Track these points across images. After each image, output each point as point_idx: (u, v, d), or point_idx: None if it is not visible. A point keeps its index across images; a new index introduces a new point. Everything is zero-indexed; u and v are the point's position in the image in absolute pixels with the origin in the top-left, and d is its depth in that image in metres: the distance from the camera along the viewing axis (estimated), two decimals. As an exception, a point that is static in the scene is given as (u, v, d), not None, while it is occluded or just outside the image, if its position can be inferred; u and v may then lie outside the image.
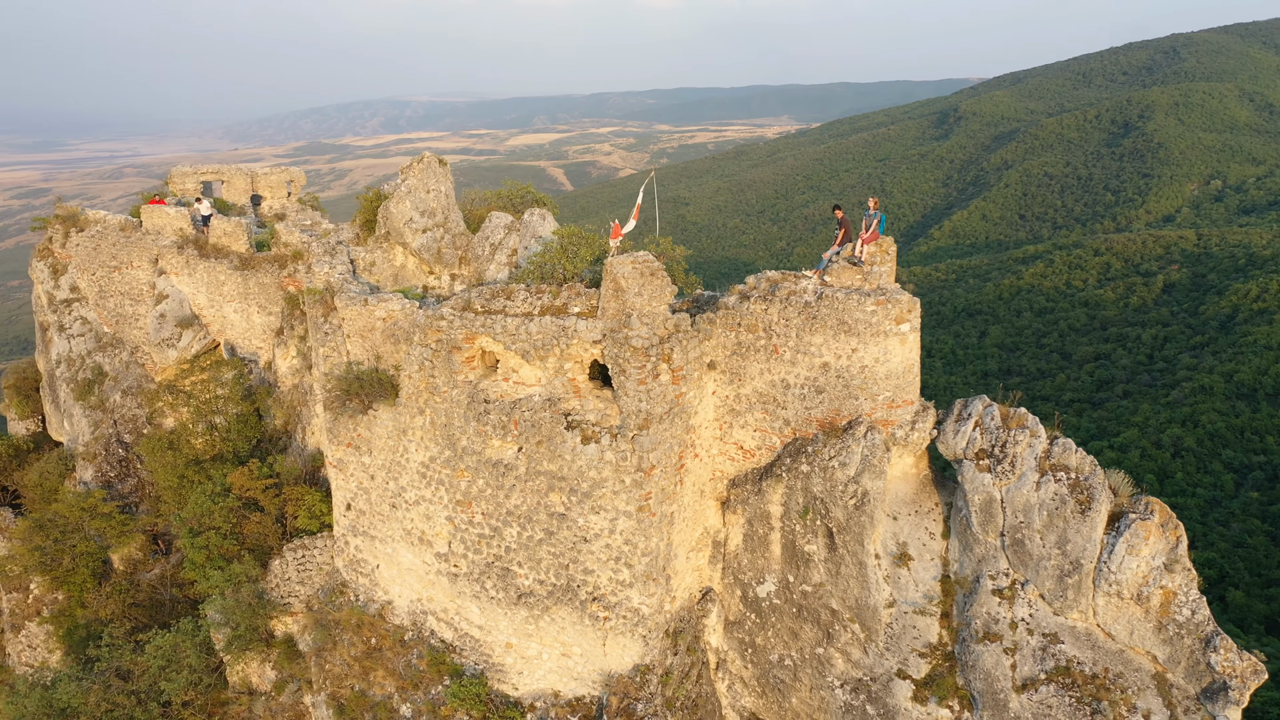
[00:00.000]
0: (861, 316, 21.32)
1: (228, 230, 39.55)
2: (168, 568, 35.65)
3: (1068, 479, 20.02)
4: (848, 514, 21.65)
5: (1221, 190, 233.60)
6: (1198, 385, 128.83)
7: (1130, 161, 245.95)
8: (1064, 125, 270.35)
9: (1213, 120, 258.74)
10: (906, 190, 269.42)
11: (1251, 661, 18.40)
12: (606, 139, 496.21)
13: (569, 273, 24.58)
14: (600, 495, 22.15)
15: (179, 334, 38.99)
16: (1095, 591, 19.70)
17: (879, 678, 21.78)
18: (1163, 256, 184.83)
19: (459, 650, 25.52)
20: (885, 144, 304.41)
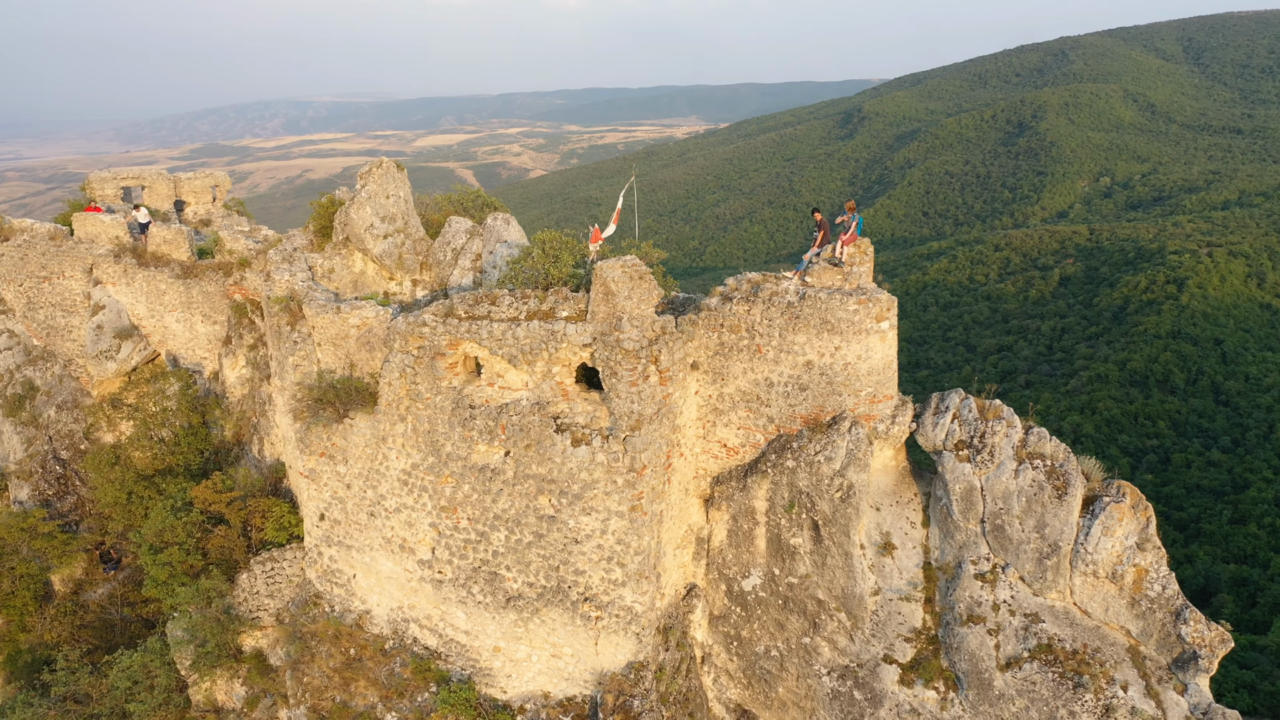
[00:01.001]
0: (844, 315, 22.11)
1: (168, 238, 38.50)
2: (117, 586, 34.57)
3: (1044, 466, 21.16)
4: (834, 507, 22.42)
5: (1110, 187, 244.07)
6: (1094, 374, 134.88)
7: (1025, 160, 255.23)
8: (963, 125, 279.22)
9: (1100, 120, 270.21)
10: (814, 189, 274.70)
11: (1219, 631, 19.76)
12: (516, 140, 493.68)
13: (554, 277, 24.78)
14: (592, 496, 22.46)
15: (118, 345, 37.77)
16: (1072, 572, 20.87)
17: (866, 663, 22.61)
18: (1058, 251, 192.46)
19: (444, 656, 25.51)
20: (793, 144, 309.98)
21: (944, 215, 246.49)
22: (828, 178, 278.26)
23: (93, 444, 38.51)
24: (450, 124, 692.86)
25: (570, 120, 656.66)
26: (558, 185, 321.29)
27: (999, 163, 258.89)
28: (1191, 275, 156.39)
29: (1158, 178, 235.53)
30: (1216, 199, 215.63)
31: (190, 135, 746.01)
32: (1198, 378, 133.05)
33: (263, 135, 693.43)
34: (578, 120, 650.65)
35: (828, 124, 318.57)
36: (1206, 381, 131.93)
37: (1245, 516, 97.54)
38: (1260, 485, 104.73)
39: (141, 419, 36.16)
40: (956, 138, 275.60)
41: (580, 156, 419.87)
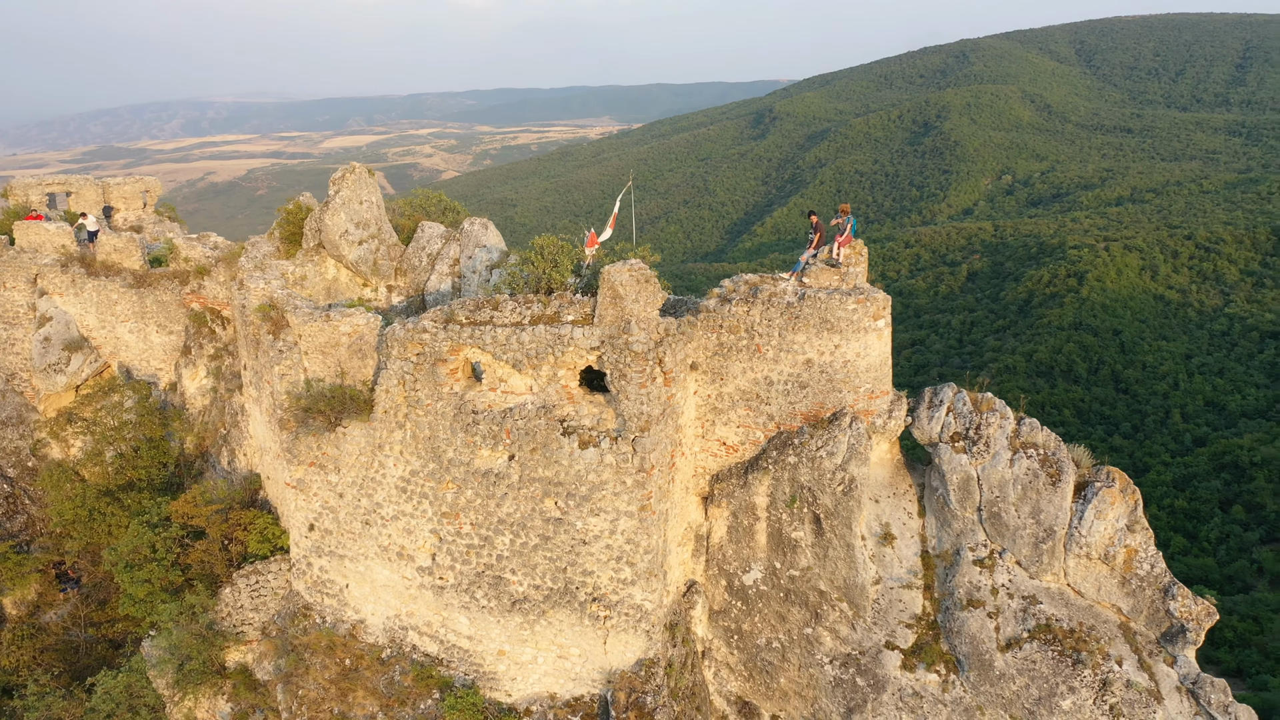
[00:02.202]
0: (844, 314, 22.86)
1: (118, 246, 37.37)
2: (78, 606, 33.46)
3: (1038, 455, 22.27)
4: (836, 500, 23.17)
5: (1012, 185, 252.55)
6: (1003, 365, 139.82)
7: (931, 159, 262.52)
8: (870, 125, 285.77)
9: (1000, 120, 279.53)
10: (729, 189, 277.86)
11: (1205, 605, 21.10)
12: (427, 141, 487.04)
13: (555, 282, 24.97)
14: (600, 498, 22.76)
15: (67, 358, 36.49)
16: (1066, 555, 22.00)
17: (868, 651, 23.42)
18: (965, 247, 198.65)
19: (446, 663, 25.49)
20: (706, 144, 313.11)
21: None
22: (742, 177, 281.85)
23: (41, 461, 37.15)
24: (359, 125, 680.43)
25: (482, 121, 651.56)
26: (472, 187, 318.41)
27: (906, 162, 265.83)
28: (1090, 269, 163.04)
29: (1055, 175, 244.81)
30: (1110, 195, 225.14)
31: (82, 137, 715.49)
32: (1099, 367, 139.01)
33: (161, 137, 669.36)
34: (490, 121, 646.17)
35: (740, 124, 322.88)
36: (1107, 371, 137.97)
37: (1146, 499, 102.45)
38: (1159, 469, 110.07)
39: (100, 433, 35.02)
40: (865, 137, 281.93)
41: (494, 157, 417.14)
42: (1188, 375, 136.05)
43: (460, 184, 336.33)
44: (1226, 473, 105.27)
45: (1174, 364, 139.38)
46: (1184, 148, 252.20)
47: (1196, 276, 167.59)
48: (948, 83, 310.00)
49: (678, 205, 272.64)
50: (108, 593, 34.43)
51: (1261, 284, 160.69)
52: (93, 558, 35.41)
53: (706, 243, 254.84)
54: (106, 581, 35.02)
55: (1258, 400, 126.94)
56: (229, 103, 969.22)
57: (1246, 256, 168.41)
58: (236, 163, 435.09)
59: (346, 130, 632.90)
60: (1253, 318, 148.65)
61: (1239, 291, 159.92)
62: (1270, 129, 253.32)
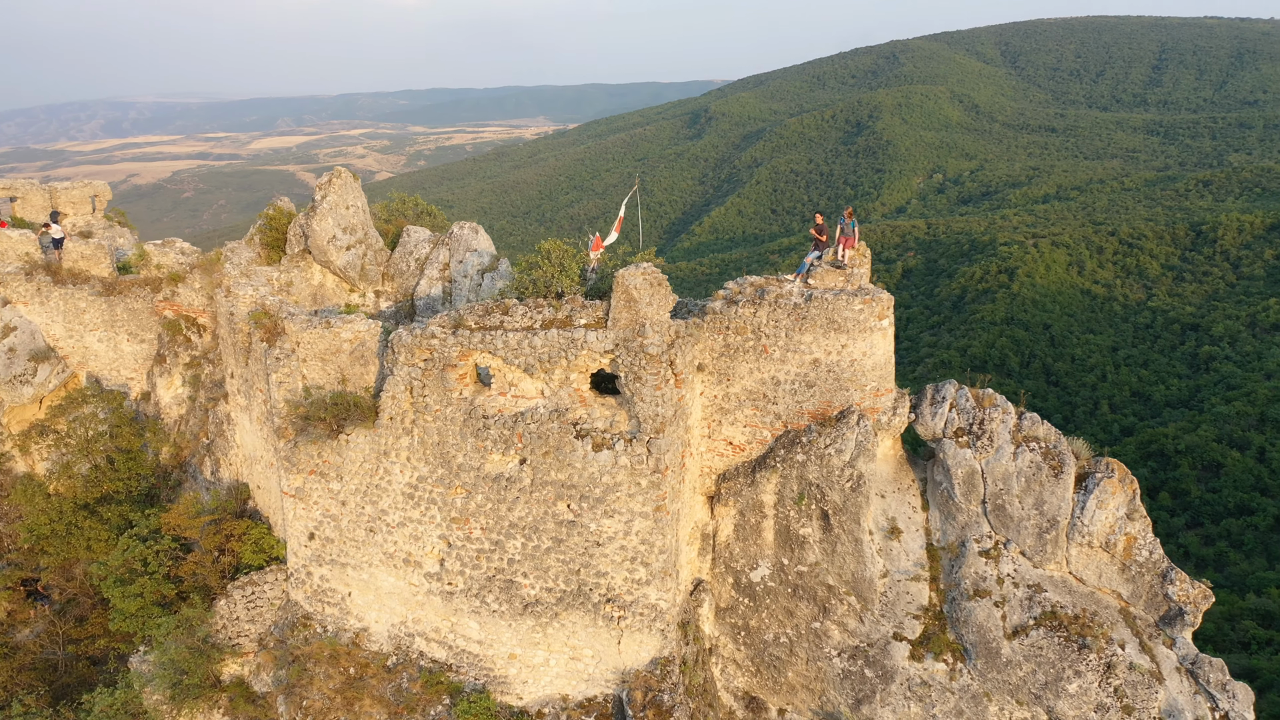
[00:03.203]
0: (850, 315, 23.39)
1: (86, 253, 36.40)
2: (55, 623, 32.55)
3: (1040, 448, 23.06)
4: (844, 496, 23.71)
5: (943, 183, 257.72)
6: (939, 360, 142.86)
7: (865, 158, 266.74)
8: (805, 125, 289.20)
9: (931, 119, 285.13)
10: (666, 188, 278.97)
11: (1201, 589, 22.10)
12: (359, 141, 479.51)
13: (565, 286, 25.07)
14: (614, 499, 22.97)
15: (34, 369, 35.40)
16: (1069, 544, 22.85)
17: (876, 643, 24.00)
18: (900, 245, 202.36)
19: (455, 668, 25.45)
20: (643, 144, 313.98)
21: (791, 212, 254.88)
22: (679, 177, 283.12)
23: (5, 475, 36.02)
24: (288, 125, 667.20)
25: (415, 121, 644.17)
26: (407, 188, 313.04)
27: (840, 161, 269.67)
28: (1020, 265, 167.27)
29: (985, 174, 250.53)
30: (1037, 193, 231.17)
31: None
32: (1030, 360, 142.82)
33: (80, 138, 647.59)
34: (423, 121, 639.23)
35: (676, 124, 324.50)
36: (1039, 364, 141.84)
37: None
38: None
39: (76, 445, 34.09)
40: (800, 137, 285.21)
41: (428, 158, 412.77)
42: (1114, 367, 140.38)
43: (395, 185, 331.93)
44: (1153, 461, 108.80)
45: (1101, 356, 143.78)
46: (1105, 146, 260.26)
47: (1120, 271, 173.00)
48: (879, 83, 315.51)
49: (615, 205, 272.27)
50: (84, 608, 33.56)
51: (1181, 278, 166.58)
52: (65, 573, 34.49)
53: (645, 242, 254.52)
54: (81, 597, 34.15)
55: (1180, 390, 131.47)
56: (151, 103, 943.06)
57: (1167, 252, 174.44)
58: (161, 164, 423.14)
59: (275, 131, 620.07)
60: (1174, 310, 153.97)
61: (1160, 285, 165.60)
62: (1185, 128, 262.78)
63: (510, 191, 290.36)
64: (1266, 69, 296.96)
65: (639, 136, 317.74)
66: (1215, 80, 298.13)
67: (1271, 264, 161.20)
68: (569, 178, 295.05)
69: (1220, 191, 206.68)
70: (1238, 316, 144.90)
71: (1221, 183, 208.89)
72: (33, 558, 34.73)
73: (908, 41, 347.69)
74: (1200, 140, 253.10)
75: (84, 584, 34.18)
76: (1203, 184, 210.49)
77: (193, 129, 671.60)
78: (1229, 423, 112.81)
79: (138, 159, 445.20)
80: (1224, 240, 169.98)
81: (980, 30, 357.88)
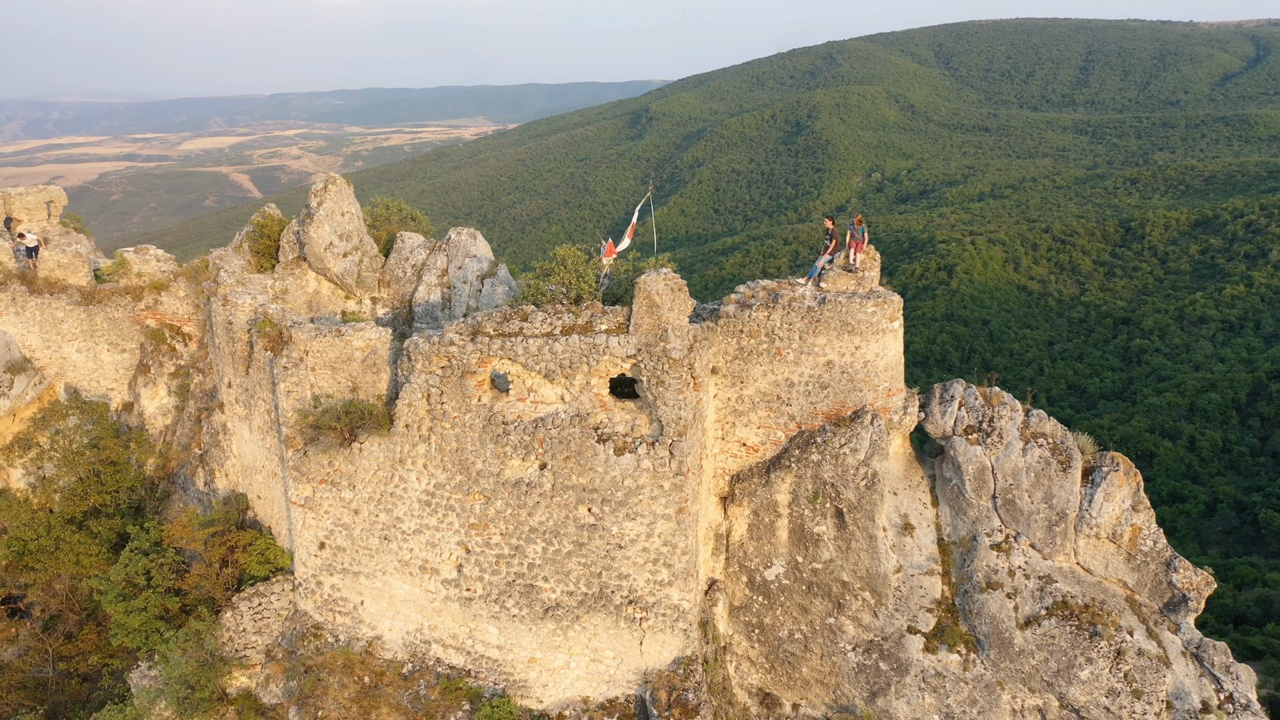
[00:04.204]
0: (864, 317, 23.98)
1: (63, 262, 35.55)
2: (43, 640, 31.75)
3: (1048, 443, 23.90)
4: (859, 494, 24.30)
5: (881, 182, 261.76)
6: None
7: (805, 157, 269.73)
8: (745, 125, 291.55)
9: (868, 119, 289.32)
10: (609, 188, 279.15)
11: (1204, 576, 23.12)
12: (294, 142, 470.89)
13: (584, 292, 25.24)
14: (636, 502, 23.24)
15: (10, 381, 34.43)
16: (1077, 535, 23.72)
17: (890, 636, 24.64)
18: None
19: (473, 674, 25.50)
20: (584, 144, 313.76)
21: (734, 212, 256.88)
22: (621, 177, 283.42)
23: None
24: (219, 126, 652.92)
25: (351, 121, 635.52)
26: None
27: (781, 160, 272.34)
28: (959, 262, 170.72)
29: (921, 173, 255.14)
30: (973, 191, 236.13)
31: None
32: (970, 355, 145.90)
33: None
34: (360, 121, 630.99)
35: (617, 124, 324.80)
36: (978, 359, 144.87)
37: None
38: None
39: (61, 458, 33.25)
40: (740, 137, 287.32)
41: (365, 159, 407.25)
42: (1051, 361, 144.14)
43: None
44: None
45: (1038, 351, 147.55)
46: (1037, 145, 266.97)
47: (1054, 267, 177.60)
48: (817, 83, 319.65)
49: (558, 205, 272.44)
50: (70, 625, 32.80)
51: (1112, 273, 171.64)
52: (48, 589, 33.66)
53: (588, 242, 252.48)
54: (67, 613, 33.38)
55: (1114, 382, 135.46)
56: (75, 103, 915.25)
57: (1098, 248, 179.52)
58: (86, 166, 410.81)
59: (207, 131, 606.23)
60: (1106, 305, 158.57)
61: (1093, 281, 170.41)
62: (1112, 128, 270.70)
63: (451, 192, 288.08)
64: (1187, 70, 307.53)
65: (580, 137, 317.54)
66: (1139, 81, 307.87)
67: (1196, 259, 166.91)
68: (511, 178, 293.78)
69: (1147, 189, 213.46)
70: (1166, 310, 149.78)
71: (1148, 181, 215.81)
72: (11, 574, 33.81)
73: (844, 42, 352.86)
74: (1127, 139, 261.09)
75: (69, 599, 33.43)
76: (1130, 182, 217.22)
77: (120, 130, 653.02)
78: (1160, 413, 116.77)
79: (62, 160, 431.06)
80: (1151, 236, 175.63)
81: (914, 31, 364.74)
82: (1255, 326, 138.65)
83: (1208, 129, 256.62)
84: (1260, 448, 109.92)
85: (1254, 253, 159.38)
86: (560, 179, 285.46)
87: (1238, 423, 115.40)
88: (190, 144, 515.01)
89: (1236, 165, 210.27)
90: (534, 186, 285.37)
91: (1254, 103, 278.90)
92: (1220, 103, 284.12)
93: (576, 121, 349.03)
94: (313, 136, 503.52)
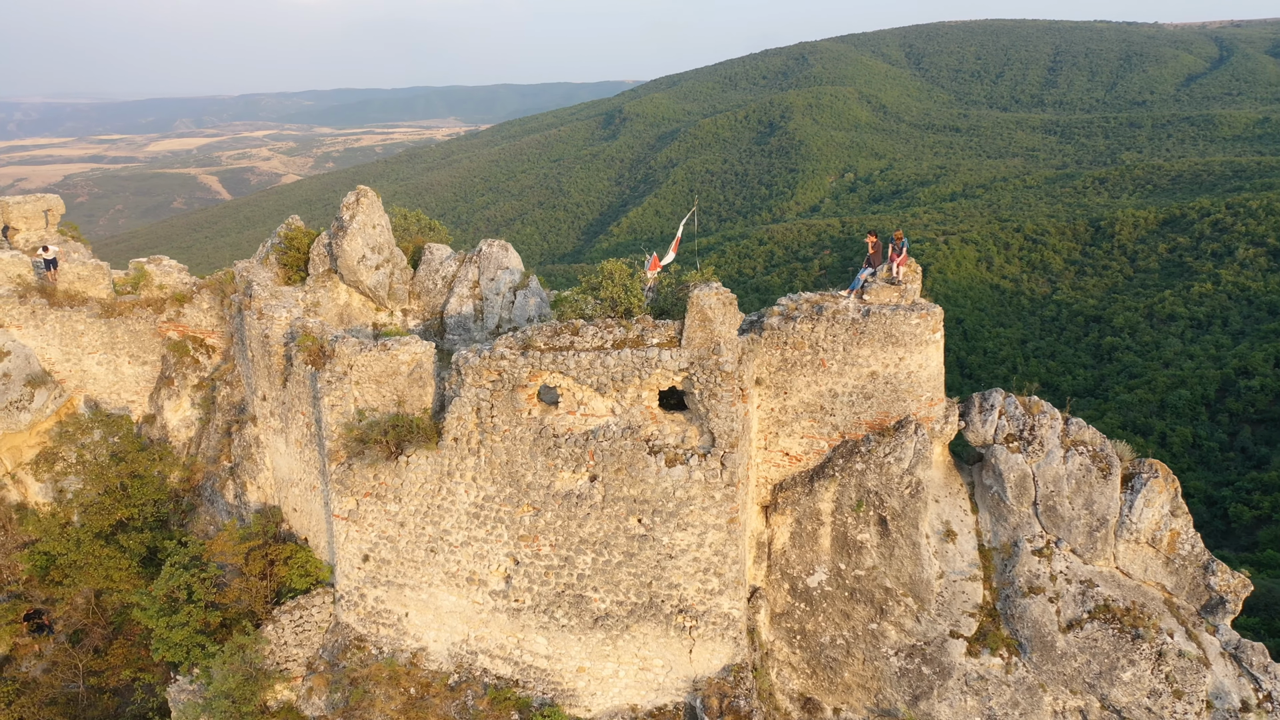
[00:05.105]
0: (908, 329, 24.47)
1: (83, 274, 35.30)
2: (76, 656, 31.54)
3: (1088, 451, 24.52)
4: (903, 502, 24.79)
5: (854, 182, 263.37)
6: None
7: (778, 158, 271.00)
8: (719, 125, 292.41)
9: (840, 119, 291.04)
10: (583, 189, 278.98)
11: (1241, 579, 23.84)
12: (264, 143, 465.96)
13: (635, 306, 25.51)
14: (687, 513, 23.58)
15: (30, 394, 34.13)
16: (1117, 540, 24.35)
17: (933, 641, 25.15)
18: (815, 243, 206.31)
19: (521, 684, 25.72)
20: (558, 145, 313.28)
21: (708, 212, 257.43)
22: (595, 178, 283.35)
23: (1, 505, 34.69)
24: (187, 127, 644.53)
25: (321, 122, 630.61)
26: (316, 191, 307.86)
27: (754, 161, 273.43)
28: (933, 261, 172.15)
29: (894, 173, 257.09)
30: (945, 191, 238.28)
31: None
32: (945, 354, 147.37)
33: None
34: (330, 122, 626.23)
35: (590, 125, 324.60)
36: (952, 358, 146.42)
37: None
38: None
39: (89, 472, 33.00)
40: (714, 137, 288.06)
41: (336, 160, 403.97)
42: (1024, 359, 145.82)
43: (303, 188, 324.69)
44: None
45: (1011, 349, 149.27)
46: (1007, 145, 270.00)
47: (1026, 266, 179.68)
48: (789, 84, 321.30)
49: (532, 206, 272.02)
50: (96, 639, 32.61)
51: (1083, 272, 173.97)
52: (71, 603, 33.44)
53: (563, 244, 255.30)
54: (93, 628, 33.18)
55: (1086, 380, 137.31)
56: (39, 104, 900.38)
57: (1069, 247, 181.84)
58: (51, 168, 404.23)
59: (174, 132, 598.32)
60: (1077, 303, 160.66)
61: (1064, 279, 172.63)
62: (1080, 128, 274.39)
63: (424, 194, 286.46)
64: (1153, 71, 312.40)
65: (554, 137, 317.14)
66: (1106, 82, 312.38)
67: (1165, 257, 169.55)
68: (484, 179, 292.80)
69: (1115, 188, 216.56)
70: (1136, 308, 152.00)
71: (1116, 180, 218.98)
72: (33, 589, 33.55)
73: (816, 43, 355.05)
74: (1095, 139, 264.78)
75: (94, 613, 33.23)
76: (1099, 181, 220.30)
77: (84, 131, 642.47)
78: (1132, 410, 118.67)
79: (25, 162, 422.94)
80: (1121, 235, 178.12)
81: (885, 32, 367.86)
82: (1223, 324, 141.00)
83: (1173, 129, 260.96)
84: (1229, 443, 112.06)
85: (1221, 251, 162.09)
86: (534, 180, 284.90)
87: (1207, 419, 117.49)
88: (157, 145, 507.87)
89: (1202, 165, 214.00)
90: (507, 188, 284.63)
91: (1218, 103, 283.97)
92: (1185, 103, 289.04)
93: (550, 122, 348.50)
94: (282, 138, 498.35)
